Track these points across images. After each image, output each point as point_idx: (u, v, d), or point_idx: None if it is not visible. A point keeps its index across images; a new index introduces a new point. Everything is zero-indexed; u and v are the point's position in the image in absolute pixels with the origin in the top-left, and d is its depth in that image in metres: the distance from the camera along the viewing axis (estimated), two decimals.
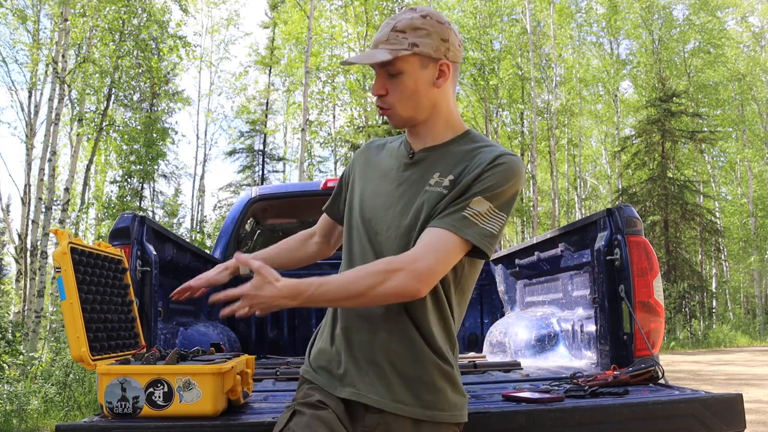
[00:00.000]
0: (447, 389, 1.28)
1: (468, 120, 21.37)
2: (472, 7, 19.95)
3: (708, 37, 21.73)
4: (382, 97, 1.33)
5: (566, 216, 23.54)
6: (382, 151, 1.47)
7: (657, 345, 2.10)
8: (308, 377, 1.36)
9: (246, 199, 3.90)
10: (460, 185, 1.27)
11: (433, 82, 1.31)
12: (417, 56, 1.28)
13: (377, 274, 1.19)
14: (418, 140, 1.38)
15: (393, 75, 1.30)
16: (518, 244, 3.64)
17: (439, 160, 1.33)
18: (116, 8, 11.95)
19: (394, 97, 1.32)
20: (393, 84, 1.31)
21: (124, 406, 1.48)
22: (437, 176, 1.31)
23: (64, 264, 1.58)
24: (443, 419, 1.26)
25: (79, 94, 12.26)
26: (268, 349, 3.55)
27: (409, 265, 1.18)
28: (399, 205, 1.32)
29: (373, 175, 1.42)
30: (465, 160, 1.30)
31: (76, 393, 5.78)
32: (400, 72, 1.29)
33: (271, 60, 22.49)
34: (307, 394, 1.31)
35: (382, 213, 1.34)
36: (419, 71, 1.30)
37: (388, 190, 1.36)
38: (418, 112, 1.33)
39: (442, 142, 1.36)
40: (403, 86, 1.30)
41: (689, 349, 14.83)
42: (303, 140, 14.25)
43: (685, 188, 18.73)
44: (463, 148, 1.34)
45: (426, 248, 1.20)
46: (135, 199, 16.76)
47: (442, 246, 1.21)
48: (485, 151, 1.30)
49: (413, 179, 1.34)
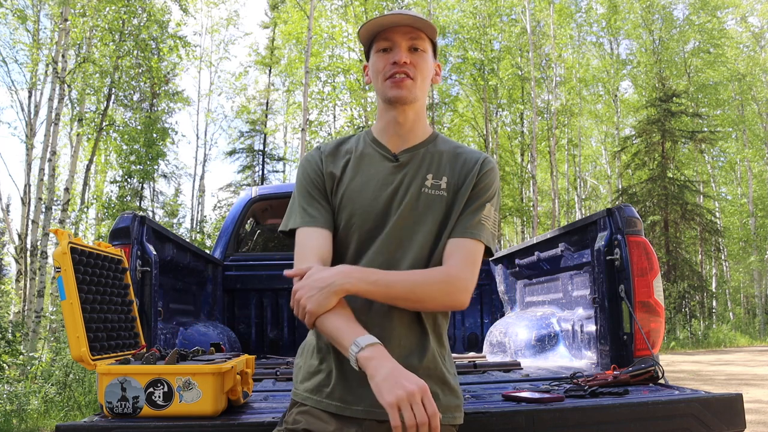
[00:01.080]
0: (442, 391, 1.27)
1: (468, 120, 21.37)
2: (472, 7, 19.94)
3: (708, 37, 21.72)
4: (407, 65, 1.33)
5: (566, 216, 23.53)
6: (345, 153, 1.41)
7: (657, 345, 2.10)
8: (298, 399, 1.31)
9: (246, 199, 3.91)
10: (462, 191, 1.34)
11: (432, 77, 1.39)
12: (432, 46, 1.39)
13: (440, 285, 1.24)
14: (398, 140, 1.38)
15: (416, 50, 1.34)
16: (518, 244, 3.64)
17: (425, 161, 1.37)
18: (116, 8, 11.95)
19: (416, 70, 1.34)
20: (414, 58, 1.34)
21: (124, 406, 1.48)
22: (431, 178, 1.35)
23: (64, 264, 1.58)
24: (441, 422, 1.24)
25: (79, 94, 12.25)
26: (268, 349, 3.55)
27: (463, 282, 1.26)
28: (400, 207, 1.32)
29: (359, 179, 1.36)
30: (451, 162, 1.38)
31: (76, 393, 5.78)
32: (423, 50, 1.35)
33: (271, 60, 22.50)
34: (295, 420, 1.27)
35: (380, 217, 1.32)
36: (431, 59, 1.38)
37: (383, 195, 1.34)
38: (422, 96, 1.37)
39: (420, 143, 1.40)
40: (424, 63, 1.36)
41: (689, 349, 14.83)
42: (303, 140, 14.25)
43: (685, 188, 18.72)
44: (441, 149, 1.40)
45: (467, 261, 1.28)
46: (135, 199, 16.77)
47: (476, 257, 1.30)
48: (465, 153, 1.39)
49: (407, 182, 1.34)
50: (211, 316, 3.32)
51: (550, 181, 21.37)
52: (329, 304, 1.17)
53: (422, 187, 1.33)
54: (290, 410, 1.32)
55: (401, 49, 1.32)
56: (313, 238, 1.32)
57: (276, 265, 3.54)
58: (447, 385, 1.29)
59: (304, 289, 1.18)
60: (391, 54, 1.33)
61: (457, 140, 22.08)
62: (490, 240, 1.33)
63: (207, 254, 3.25)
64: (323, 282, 1.17)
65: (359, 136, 1.44)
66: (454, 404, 1.29)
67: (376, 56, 1.35)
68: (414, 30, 1.32)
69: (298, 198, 1.38)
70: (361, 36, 1.36)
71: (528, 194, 20.85)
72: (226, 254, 3.67)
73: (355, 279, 1.19)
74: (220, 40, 26.14)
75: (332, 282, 1.17)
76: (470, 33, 19.76)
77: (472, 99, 21.17)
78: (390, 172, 1.36)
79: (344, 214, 1.34)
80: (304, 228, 1.33)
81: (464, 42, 20.02)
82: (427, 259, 1.31)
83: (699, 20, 21.89)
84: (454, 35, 20.39)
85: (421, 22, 1.31)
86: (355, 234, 1.33)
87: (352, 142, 1.43)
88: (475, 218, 1.32)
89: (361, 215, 1.33)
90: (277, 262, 3.59)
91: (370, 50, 1.38)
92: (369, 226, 1.32)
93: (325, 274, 1.19)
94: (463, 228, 1.31)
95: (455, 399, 1.30)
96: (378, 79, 1.35)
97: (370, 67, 1.39)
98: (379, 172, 1.36)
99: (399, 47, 1.32)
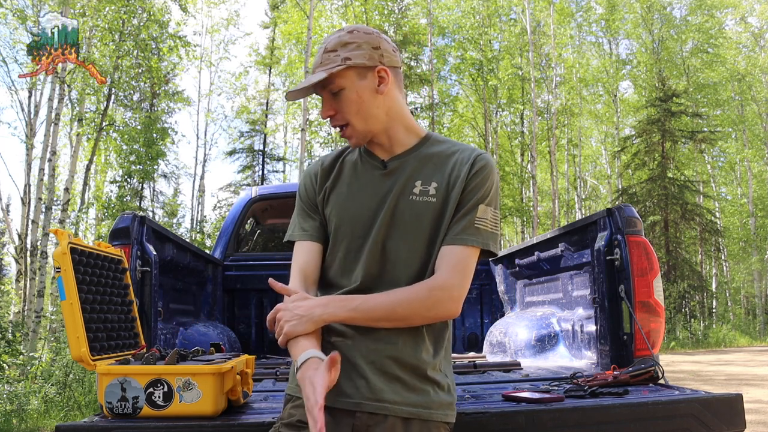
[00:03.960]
0: (435, 388, 1.28)
1: (468, 120, 21.38)
2: (471, 7, 19.94)
3: (706, 37, 21.73)
4: (333, 117, 1.35)
5: (566, 216, 23.53)
6: (342, 164, 1.43)
7: (657, 345, 2.10)
8: (292, 393, 1.33)
9: (246, 199, 3.91)
10: (453, 195, 1.32)
11: (376, 89, 1.33)
12: (352, 69, 1.31)
13: (423, 300, 1.25)
14: (383, 150, 1.39)
15: (336, 93, 1.33)
16: (518, 244, 3.64)
17: (415, 167, 1.36)
18: (116, 8, 11.95)
19: (344, 114, 1.34)
20: (338, 102, 1.34)
21: (124, 406, 1.48)
22: (420, 184, 1.33)
23: (64, 264, 1.58)
24: (432, 417, 1.25)
25: (79, 94, 12.26)
26: (268, 349, 3.55)
27: (449, 291, 1.26)
28: (387, 217, 1.32)
29: (348, 189, 1.39)
30: (442, 164, 1.35)
31: (76, 393, 5.78)
32: (341, 88, 1.32)
33: (271, 60, 22.49)
34: (290, 414, 1.29)
35: (370, 226, 1.33)
36: (358, 82, 1.32)
37: (370, 204, 1.34)
38: (372, 123, 1.35)
39: (410, 148, 1.38)
40: (348, 100, 1.33)
41: (689, 349, 14.83)
42: (303, 140, 14.25)
43: (685, 188, 18.72)
44: (432, 151, 1.38)
45: (456, 269, 1.27)
46: (135, 199, 16.77)
47: (468, 264, 1.29)
48: (458, 153, 1.36)
49: (395, 190, 1.34)
50: (211, 316, 3.32)
51: (550, 181, 21.37)
52: (305, 330, 1.23)
53: (410, 194, 1.33)
54: (285, 406, 1.34)
55: (324, 104, 1.35)
56: (301, 253, 1.39)
57: (276, 265, 3.53)
58: (437, 383, 1.29)
59: (285, 313, 1.24)
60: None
61: (456, 140, 22.29)
62: (487, 241, 1.31)
63: (207, 254, 3.25)
64: (303, 311, 1.24)
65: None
66: (446, 402, 1.29)
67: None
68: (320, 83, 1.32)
69: (296, 210, 1.46)
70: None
71: (528, 194, 20.85)
72: (226, 254, 3.67)
73: (333, 308, 1.25)
74: (220, 40, 26.17)
75: (311, 313, 1.24)
76: (470, 33, 19.77)
77: (471, 99, 21.17)
78: (379, 181, 1.36)
79: (333, 224, 1.37)
80: (297, 242, 1.41)
81: (464, 42, 20.02)
82: (420, 269, 1.31)
83: (696, 20, 21.90)
84: (453, 35, 20.39)
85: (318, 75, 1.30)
86: (344, 243, 1.35)
87: (350, 152, 1.46)
88: (465, 223, 1.30)
89: (349, 224, 1.34)
90: (277, 262, 3.59)
91: None
92: (357, 235, 1.34)
93: (306, 304, 1.25)
94: (452, 235, 1.30)
95: (448, 397, 1.30)
96: None
97: None
98: (369, 180, 1.37)
99: (324, 101, 1.35)
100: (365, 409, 1.23)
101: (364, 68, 1.32)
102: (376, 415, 1.22)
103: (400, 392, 1.24)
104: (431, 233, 1.31)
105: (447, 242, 1.29)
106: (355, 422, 1.23)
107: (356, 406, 1.23)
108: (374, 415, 1.22)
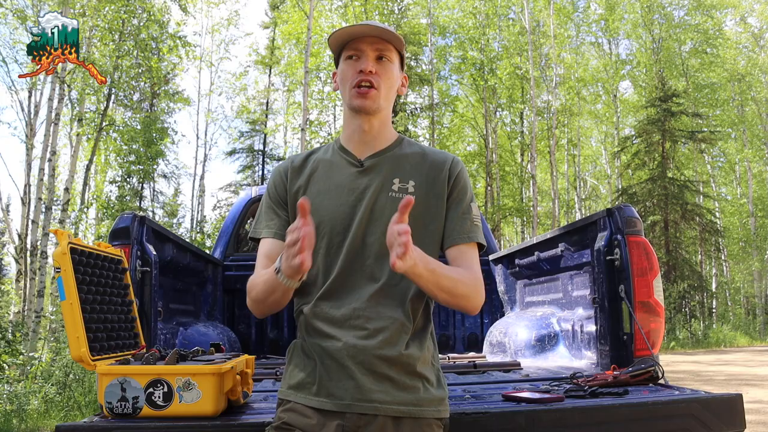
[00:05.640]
0: (425, 384, 1.28)
1: (468, 120, 21.38)
2: (472, 6, 19.94)
3: (705, 37, 21.72)
4: (372, 74, 1.35)
5: (566, 216, 23.52)
6: (315, 162, 1.43)
7: (657, 345, 2.10)
8: (282, 396, 1.33)
9: (246, 199, 3.91)
10: (435, 192, 1.37)
11: (399, 87, 1.42)
12: (400, 57, 1.40)
13: (475, 286, 1.32)
14: (363, 147, 1.40)
15: (380, 59, 1.36)
16: (518, 244, 3.64)
17: (391, 165, 1.39)
18: (116, 8, 11.94)
19: (379, 79, 1.36)
20: (380, 68, 1.36)
21: (124, 406, 1.48)
22: (398, 182, 1.36)
23: (64, 264, 1.58)
24: (423, 415, 1.25)
25: (79, 94, 12.25)
26: (268, 349, 3.55)
27: (482, 287, 1.34)
28: (366, 212, 1.33)
29: (325, 187, 1.39)
30: (418, 165, 1.40)
31: (76, 393, 5.78)
32: (389, 60, 1.36)
33: (271, 60, 22.49)
34: (279, 417, 1.30)
35: (348, 222, 1.34)
36: (397, 70, 1.39)
37: (348, 200, 1.35)
38: (387, 105, 1.39)
39: (386, 147, 1.42)
40: (388, 72, 1.37)
41: (689, 349, 14.83)
42: (303, 140, 14.25)
43: (685, 188, 18.71)
44: (406, 152, 1.42)
45: (477, 266, 1.35)
46: (135, 199, 16.78)
47: (478, 260, 1.36)
48: (431, 155, 1.42)
49: (373, 186, 1.35)
50: (211, 316, 3.32)
51: (550, 181, 21.35)
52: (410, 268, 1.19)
53: (389, 191, 1.35)
54: (276, 410, 1.35)
55: (368, 58, 1.35)
56: (266, 249, 1.39)
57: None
58: (426, 379, 1.29)
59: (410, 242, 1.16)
60: (358, 62, 1.36)
61: (456, 140, 22.22)
62: (481, 238, 1.40)
63: (207, 254, 3.25)
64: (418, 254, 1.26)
65: (329, 145, 1.47)
66: (437, 397, 1.29)
67: (345, 64, 1.39)
68: (381, 41, 1.35)
69: (263, 207, 1.45)
70: (330, 44, 1.39)
71: (528, 194, 20.85)
72: (226, 254, 3.67)
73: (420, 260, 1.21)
74: (220, 40, 26.09)
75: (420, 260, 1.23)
76: (470, 33, 19.77)
77: (471, 99, 21.17)
78: (355, 178, 1.37)
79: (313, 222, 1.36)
80: (262, 239, 1.41)
81: (464, 42, 20.02)
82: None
83: (696, 21, 21.90)
84: (453, 35, 20.39)
85: (389, 34, 1.34)
86: (324, 240, 1.34)
87: (321, 152, 1.47)
88: (467, 221, 1.37)
89: (329, 221, 1.35)
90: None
91: (340, 58, 1.41)
92: (337, 231, 1.34)
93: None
94: (460, 234, 1.35)
95: (438, 392, 1.31)
96: (345, 87, 1.38)
97: (338, 74, 1.42)
98: (345, 178, 1.38)
99: (366, 56, 1.35)
100: (355, 410, 1.23)
101: (401, 63, 1.41)
102: (366, 416, 1.22)
103: (389, 391, 1.24)
104: (411, 229, 1.30)
105: (458, 241, 1.35)
106: (344, 423, 1.23)
107: (345, 408, 1.23)
108: (364, 416, 1.22)
